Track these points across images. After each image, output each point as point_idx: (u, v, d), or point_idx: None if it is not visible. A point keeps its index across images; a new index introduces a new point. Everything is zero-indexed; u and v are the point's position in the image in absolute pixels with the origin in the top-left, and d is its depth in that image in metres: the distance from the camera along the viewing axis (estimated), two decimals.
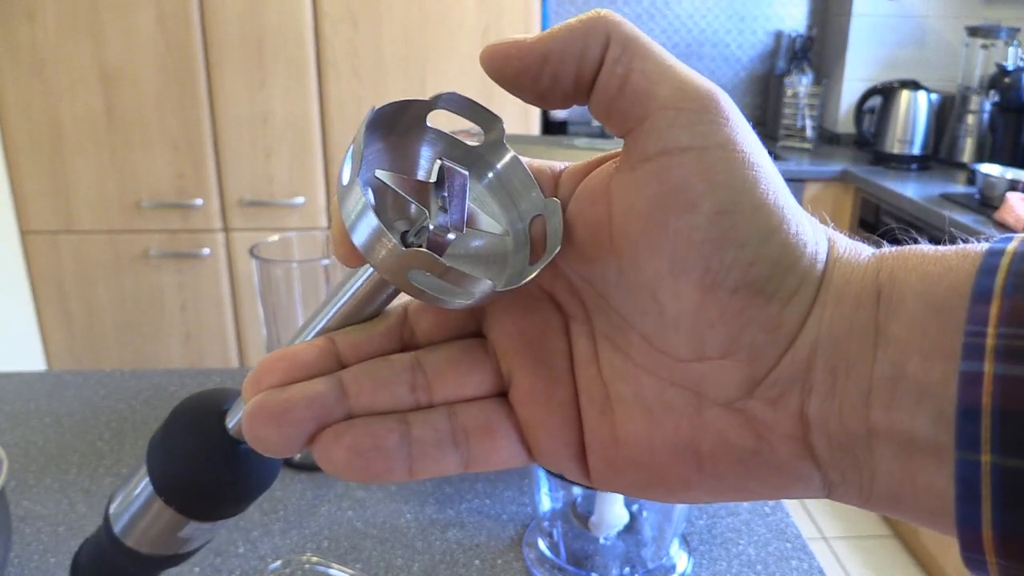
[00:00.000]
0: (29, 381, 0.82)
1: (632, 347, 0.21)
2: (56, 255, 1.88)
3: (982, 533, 0.17)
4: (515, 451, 0.22)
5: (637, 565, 0.57)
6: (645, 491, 0.21)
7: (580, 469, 0.22)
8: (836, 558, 1.99)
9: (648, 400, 0.21)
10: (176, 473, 0.30)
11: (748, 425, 0.20)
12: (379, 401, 0.21)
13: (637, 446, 0.21)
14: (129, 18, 1.72)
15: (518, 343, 0.22)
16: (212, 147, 1.83)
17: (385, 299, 0.23)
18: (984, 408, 0.16)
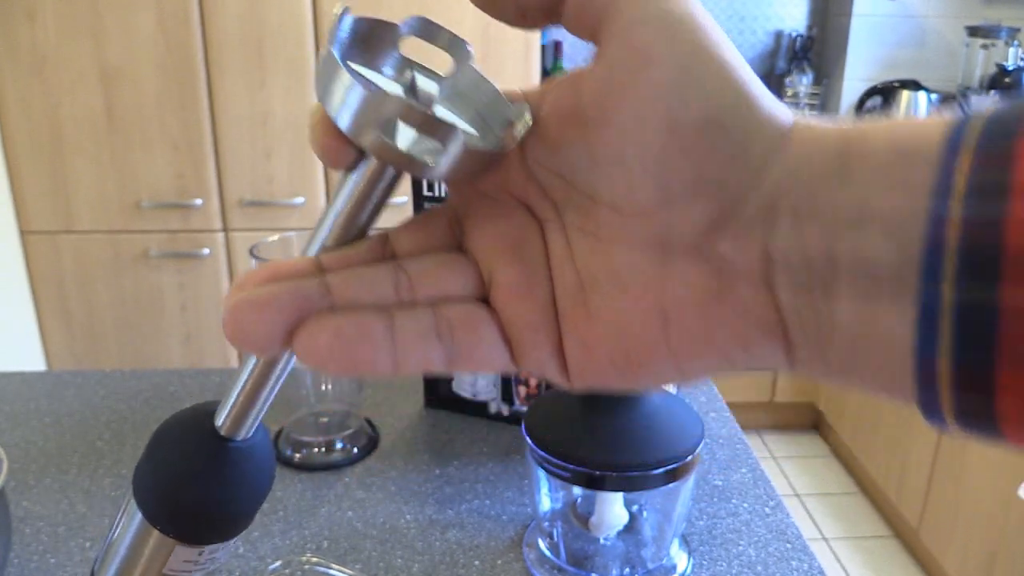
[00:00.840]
0: (29, 381, 0.82)
1: (601, 225, 0.21)
2: (56, 255, 1.88)
3: (938, 366, 0.17)
4: (498, 350, 0.22)
5: (637, 565, 0.57)
6: (618, 368, 0.22)
7: (559, 365, 0.22)
8: (836, 558, 1.99)
9: (617, 271, 0.21)
10: (168, 486, 0.28)
11: (712, 268, 0.20)
12: (362, 296, 0.21)
13: (608, 319, 0.21)
14: (129, 18, 1.72)
15: (498, 246, 0.23)
16: (212, 147, 1.83)
17: (367, 217, 0.23)
18: (949, 244, 0.17)
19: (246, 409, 0.27)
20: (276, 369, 0.25)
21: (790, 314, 0.20)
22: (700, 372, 0.21)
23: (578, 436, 0.51)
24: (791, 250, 0.19)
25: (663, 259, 0.21)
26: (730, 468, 0.68)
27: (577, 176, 0.22)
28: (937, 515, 1.81)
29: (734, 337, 0.20)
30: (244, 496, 0.28)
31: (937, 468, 1.81)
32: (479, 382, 0.74)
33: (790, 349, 0.20)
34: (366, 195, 0.23)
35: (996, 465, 1.60)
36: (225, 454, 0.27)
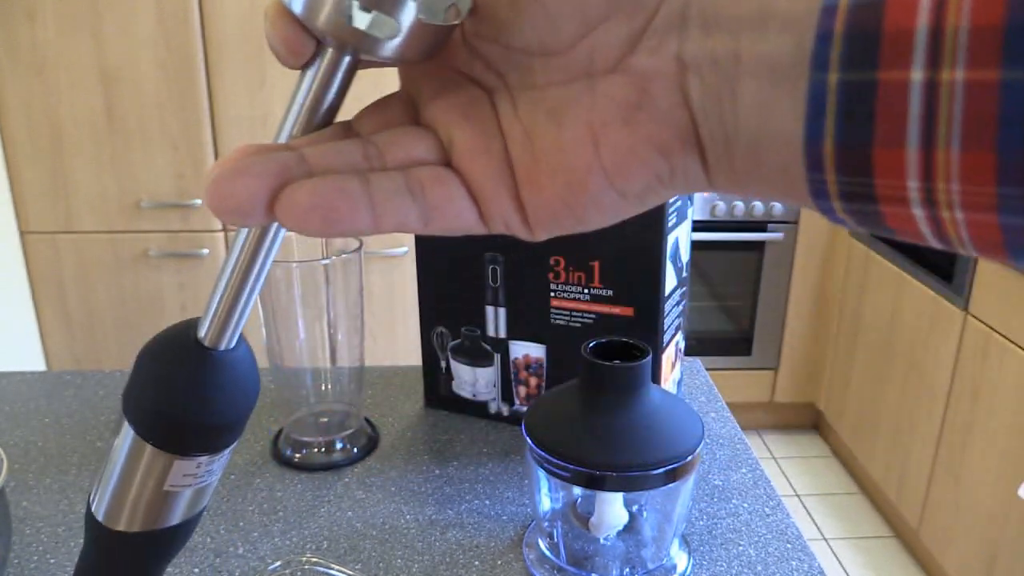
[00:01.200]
0: (29, 381, 0.82)
1: (536, 74, 0.23)
2: (56, 255, 1.88)
3: (823, 147, 0.19)
4: (466, 206, 0.23)
5: (637, 565, 0.57)
6: (566, 203, 0.23)
7: (520, 217, 0.24)
8: (836, 558, 1.99)
9: (554, 109, 0.23)
10: (156, 399, 0.28)
11: (631, 80, 0.21)
12: (336, 163, 0.22)
13: (550, 156, 0.23)
14: (129, 18, 1.72)
15: (453, 113, 0.24)
16: (212, 147, 1.83)
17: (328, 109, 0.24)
18: (836, 32, 0.18)
19: (226, 318, 0.27)
20: (252, 274, 0.26)
21: (701, 116, 0.21)
22: (635, 190, 0.23)
23: (578, 436, 0.51)
24: (700, 54, 0.20)
25: (589, 84, 0.22)
26: (730, 468, 0.68)
27: (511, 36, 0.23)
28: (937, 515, 1.81)
29: (656, 147, 0.22)
30: (231, 404, 0.29)
31: (937, 468, 1.81)
32: (479, 382, 0.74)
33: (704, 157, 0.22)
34: (325, 86, 0.24)
35: (996, 465, 1.60)
36: (209, 363, 0.28)
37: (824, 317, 2.34)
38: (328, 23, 0.22)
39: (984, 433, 1.64)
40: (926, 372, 1.85)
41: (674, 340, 0.69)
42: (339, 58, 0.24)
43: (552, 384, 0.71)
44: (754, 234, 2.24)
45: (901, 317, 1.95)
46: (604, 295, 0.66)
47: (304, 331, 0.64)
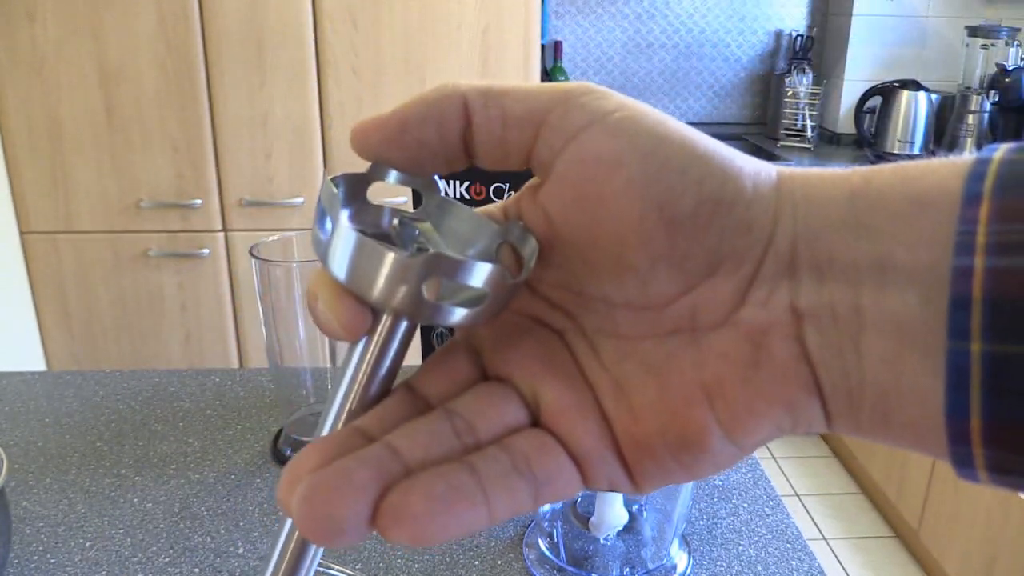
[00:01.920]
0: (29, 381, 0.82)
1: (620, 325, 0.21)
2: (56, 255, 1.88)
3: (970, 423, 0.17)
4: (571, 473, 0.21)
5: (637, 565, 0.57)
6: (678, 460, 0.21)
7: (626, 474, 0.21)
8: (836, 558, 1.99)
9: (650, 363, 0.21)
10: None
11: (744, 335, 0.20)
12: (432, 451, 0.19)
13: (653, 412, 0.21)
14: (129, 18, 1.72)
15: (532, 366, 0.22)
16: (212, 147, 1.83)
17: (387, 375, 0.22)
18: (975, 298, 0.16)
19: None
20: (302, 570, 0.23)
21: (822, 369, 0.19)
22: (754, 442, 0.21)
23: None
24: (817, 304, 0.19)
25: (693, 339, 0.20)
26: (730, 468, 0.68)
27: (583, 286, 0.21)
28: (937, 515, 1.81)
29: (778, 400, 0.20)
30: None
31: (937, 468, 1.81)
32: None
33: (826, 407, 0.20)
34: (383, 354, 0.22)
35: None
36: None
37: None
38: (387, 295, 0.20)
39: None
40: None
41: None
42: (395, 325, 0.21)
43: None
44: None
45: None
46: None
47: (304, 331, 0.64)
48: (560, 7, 2.52)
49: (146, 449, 0.70)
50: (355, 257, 0.20)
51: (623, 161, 0.19)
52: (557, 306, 0.22)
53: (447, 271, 0.19)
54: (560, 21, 2.53)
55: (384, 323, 0.21)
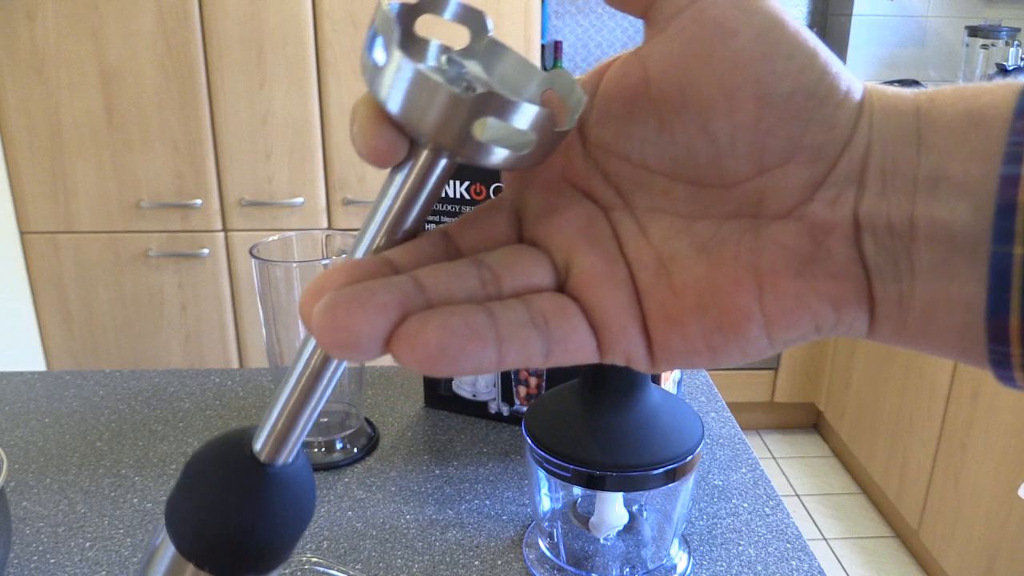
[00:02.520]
0: (29, 381, 0.82)
1: (679, 202, 0.22)
2: (56, 255, 1.88)
3: (1010, 321, 0.18)
4: (587, 339, 0.21)
5: (637, 565, 0.57)
6: (710, 342, 0.21)
7: (646, 348, 0.22)
8: (836, 558, 1.99)
9: (703, 243, 0.21)
10: (205, 517, 0.25)
11: (807, 231, 0.20)
12: (455, 291, 0.20)
13: (696, 289, 0.21)
14: (129, 18, 1.72)
15: (570, 233, 0.22)
16: (212, 147, 1.83)
17: (420, 213, 0.22)
18: (1020, 204, 0.17)
19: (287, 432, 0.25)
20: (320, 387, 0.24)
21: (876, 274, 0.20)
22: (789, 339, 0.21)
23: (578, 436, 0.51)
24: (876, 214, 0.20)
25: (754, 226, 0.21)
26: (730, 468, 0.68)
27: (648, 156, 0.22)
28: (937, 515, 1.81)
29: (828, 298, 0.21)
30: (286, 525, 0.26)
31: (937, 468, 1.81)
32: (479, 382, 0.74)
33: (874, 312, 0.21)
34: (418, 190, 0.22)
35: (996, 465, 1.60)
36: (266, 481, 0.25)
37: None
38: (436, 130, 0.20)
39: (984, 433, 1.64)
40: (926, 372, 1.85)
41: None
42: (435, 160, 0.21)
43: (552, 384, 0.71)
44: None
45: None
46: None
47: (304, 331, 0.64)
48: (560, 7, 2.52)
49: (146, 449, 0.70)
50: (407, 87, 0.20)
51: (738, 32, 0.20)
52: (612, 180, 0.23)
53: (499, 110, 0.19)
54: (560, 21, 2.53)
55: (423, 157, 0.21)
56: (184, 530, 0.26)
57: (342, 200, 1.88)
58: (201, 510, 0.26)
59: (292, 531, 0.26)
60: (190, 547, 0.26)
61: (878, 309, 0.21)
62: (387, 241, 0.22)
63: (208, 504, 0.25)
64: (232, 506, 0.25)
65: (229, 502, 0.25)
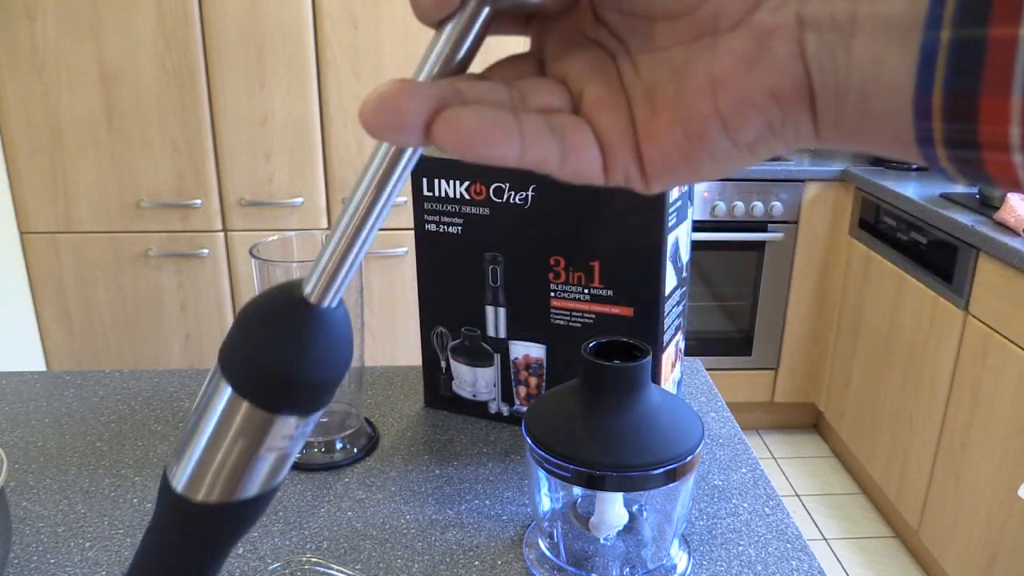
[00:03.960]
0: (29, 381, 0.82)
1: (658, 37, 0.25)
2: (56, 255, 1.88)
3: (932, 98, 0.20)
4: (595, 154, 0.25)
5: (637, 565, 0.57)
6: (683, 153, 0.25)
7: (639, 169, 0.25)
8: (836, 558, 1.99)
9: (676, 67, 0.25)
10: (261, 355, 0.27)
11: (753, 36, 0.23)
12: (488, 98, 0.24)
13: (670, 108, 0.24)
14: (129, 18, 1.72)
15: (582, 68, 0.26)
16: (212, 147, 1.83)
17: (463, 61, 0.25)
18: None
19: (333, 275, 0.27)
20: (364, 232, 0.26)
21: (815, 69, 0.23)
22: (748, 140, 0.24)
23: (578, 436, 0.51)
24: (820, 14, 0.22)
25: (712, 42, 0.24)
26: (730, 468, 0.68)
27: (636, 4, 0.25)
28: (937, 515, 1.81)
29: (772, 95, 0.23)
30: (332, 363, 0.28)
31: (937, 468, 1.81)
32: (479, 382, 0.74)
33: (815, 108, 0.23)
34: (462, 38, 0.25)
35: (996, 465, 1.60)
36: (315, 320, 0.27)
37: (824, 317, 2.34)
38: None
39: (984, 433, 1.64)
40: (926, 372, 1.85)
41: (674, 340, 0.69)
42: (479, 10, 0.24)
43: (552, 384, 0.71)
44: (754, 234, 2.24)
45: (901, 317, 1.95)
46: (604, 295, 0.66)
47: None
48: None
49: (146, 449, 0.70)
50: None
51: None
52: (614, 33, 0.26)
53: None
54: None
55: (466, 8, 0.24)
56: (239, 369, 0.28)
57: (342, 200, 1.88)
58: (255, 349, 0.28)
59: (337, 369, 0.29)
60: (246, 385, 0.28)
61: (818, 103, 0.23)
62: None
63: (261, 343, 0.28)
64: (283, 344, 0.27)
65: (281, 340, 0.27)
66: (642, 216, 0.63)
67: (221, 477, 0.29)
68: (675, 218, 0.64)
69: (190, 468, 0.30)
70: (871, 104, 0.22)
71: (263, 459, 0.29)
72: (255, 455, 0.29)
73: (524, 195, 0.66)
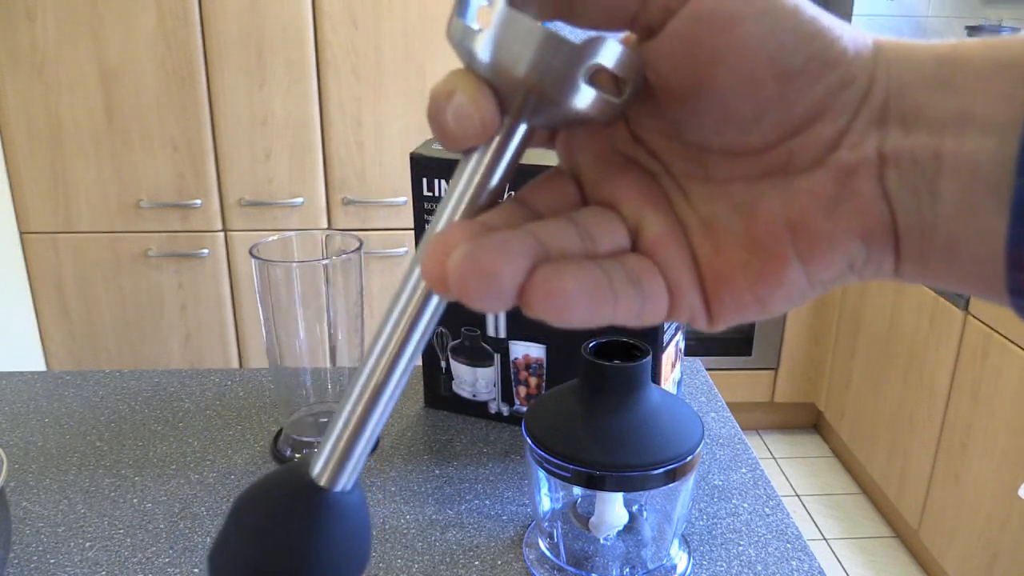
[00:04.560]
0: (29, 381, 0.82)
1: (712, 168, 0.23)
2: (55, 255, 1.88)
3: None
4: (665, 296, 0.23)
5: (637, 566, 0.57)
6: (755, 292, 0.23)
7: (704, 306, 0.23)
8: (836, 558, 1.99)
9: (739, 202, 0.23)
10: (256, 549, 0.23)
11: (833, 176, 0.22)
12: (567, 246, 0.22)
13: (737, 246, 0.23)
14: (129, 18, 1.72)
15: (635, 195, 0.24)
16: (212, 147, 1.83)
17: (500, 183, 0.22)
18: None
19: (347, 452, 0.23)
20: (381, 402, 0.23)
21: (899, 208, 0.21)
22: (827, 279, 0.23)
23: (578, 436, 0.51)
24: (901, 151, 0.21)
25: (784, 181, 0.22)
26: (730, 468, 0.68)
27: (684, 134, 0.23)
28: (937, 515, 1.81)
29: (857, 233, 0.22)
30: (347, 560, 0.24)
31: (937, 468, 1.81)
32: (479, 382, 0.74)
33: (898, 248, 0.22)
34: (499, 158, 0.22)
35: (996, 465, 1.60)
36: (327, 507, 0.23)
37: (824, 317, 2.34)
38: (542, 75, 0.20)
39: (984, 433, 1.64)
40: (926, 372, 1.85)
41: (674, 340, 0.69)
42: (514, 128, 0.22)
43: (552, 384, 0.71)
44: None
45: (901, 317, 1.95)
46: None
47: (304, 331, 0.64)
48: None
49: (146, 449, 0.70)
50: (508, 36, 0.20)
51: (740, 19, 0.20)
52: (651, 150, 0.24)
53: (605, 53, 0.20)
54: None
55: (506, 125, 0.22)
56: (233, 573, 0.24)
57: (342, 200, 1.88)
58: (256, 546, 0.23)
59: (350, 571, 0.24)
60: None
61: (902, 244, 0.22)
62: (468, 211, 0.22)
63: (260, 538, 0.23)
64: (288, 537, 0.23)
65: (285, 532, 0.23)
66: None
67: None
68: None
69: None
70: (959, 249, 0.21)
71: None
72: None
73: None
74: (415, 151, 0.70)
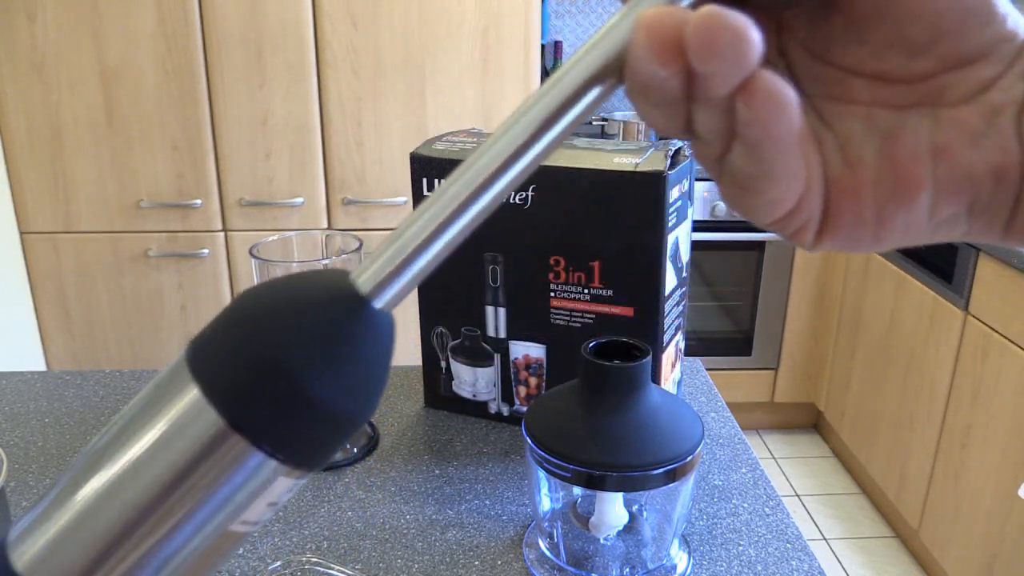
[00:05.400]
0: (29, 381, 0.82)
1: (857, 92, 0.23)
2: (56, 256, 1.88)
3: None
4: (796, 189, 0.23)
5: (637, 566, 0.57)
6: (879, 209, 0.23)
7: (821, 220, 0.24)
8: (836, 558, 1.99)
9: (881, 126, 0.23)
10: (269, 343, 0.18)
11: (980, 111, 0.23)
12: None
13: (873, 163, 0.23)
14: (129, 18, 1.72)
15: None
16: (212, 147, 1.83)
17: None
18: None
19: (406, 264, 0.19)
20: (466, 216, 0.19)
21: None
22: (946, 217, 0.23)
23: (578, 436, 0.51)
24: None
25: (931, 111, 0.23)
26: (730, 468, 0.68)
27: (836, 56, 0.23)
28: (937, 515, 1.81)
29: (994, 167, 0.23)
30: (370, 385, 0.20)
31: (937, 468, 1.81)
32: (479, 382, 0.74)
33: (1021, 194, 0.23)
34: None
35: (996, 465, 1.60)
36: (369, 318, 0.19)
37: (824, 317, 2.34)
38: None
39: (984, 433, 1.64)
40: (926, 372, 1.85)
41: (674, 340, 0.69)
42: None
43: (552, 384, 0.71)
44: (754, 234, 2.24)
45: (901, 317, 1.95)
46: (604, 295, 0.66)
47: None
48: (560, 7, 2.52)
49: None
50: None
51: None
52: (791, 67, 0.24)
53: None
54: (560, 21, 2.53)
55: None
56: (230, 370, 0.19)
57: (342, 200, 1.88)
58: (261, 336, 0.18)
59: (368, 397, 0.20)
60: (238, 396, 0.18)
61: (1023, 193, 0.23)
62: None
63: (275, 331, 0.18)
64: (315, 337, 0.18)
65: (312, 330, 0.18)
66: (642, 216, 0.63)
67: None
68: (675, 218, 0.64)
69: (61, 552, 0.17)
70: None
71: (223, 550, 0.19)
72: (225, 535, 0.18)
73: (524, 195, 0.66)
74: (415, 151, 0.70)
